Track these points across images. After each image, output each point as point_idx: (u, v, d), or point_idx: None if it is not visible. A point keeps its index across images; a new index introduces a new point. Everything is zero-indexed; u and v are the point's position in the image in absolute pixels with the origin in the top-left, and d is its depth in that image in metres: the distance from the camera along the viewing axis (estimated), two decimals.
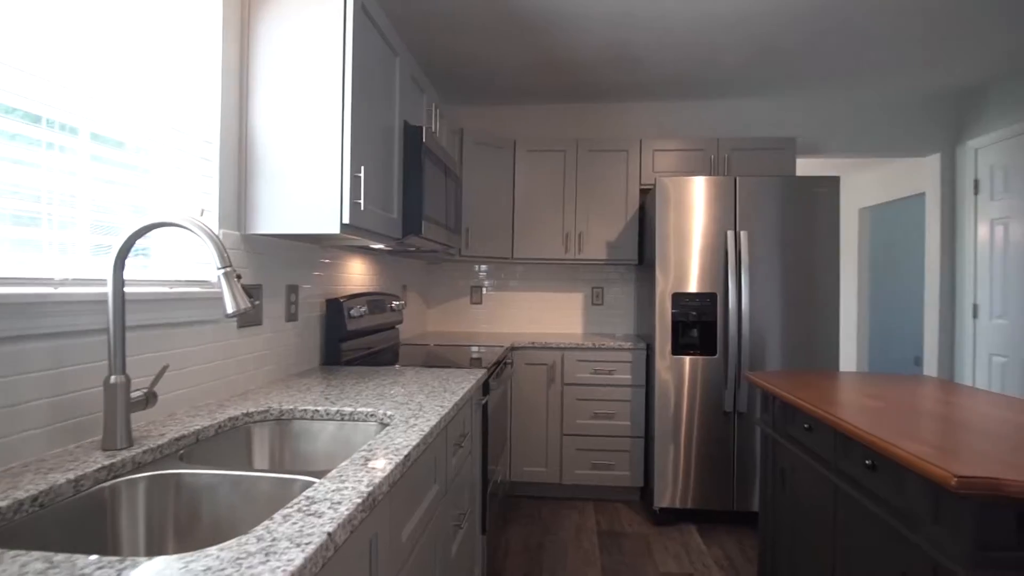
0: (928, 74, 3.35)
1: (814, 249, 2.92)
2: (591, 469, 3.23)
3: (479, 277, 3.96)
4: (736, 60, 3.16)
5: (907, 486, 1.19)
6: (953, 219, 3.73)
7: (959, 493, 0.99)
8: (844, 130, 3.78)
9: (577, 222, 3.53)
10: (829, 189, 2.92)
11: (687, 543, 2.81)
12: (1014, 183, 3.24)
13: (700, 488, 2.95)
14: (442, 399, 1.57)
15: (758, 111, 3.82)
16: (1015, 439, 1.23)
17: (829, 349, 2.90)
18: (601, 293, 3.86)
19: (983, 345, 3.45)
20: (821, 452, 1.61)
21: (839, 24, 2.72)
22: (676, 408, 2.96)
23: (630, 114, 3.89)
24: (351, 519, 0.80)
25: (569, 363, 3.23)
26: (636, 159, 3.50)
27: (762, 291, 2.92)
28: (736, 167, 3.42)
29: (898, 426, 1.33)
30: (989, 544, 1.02)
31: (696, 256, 2.95)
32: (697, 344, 2.94)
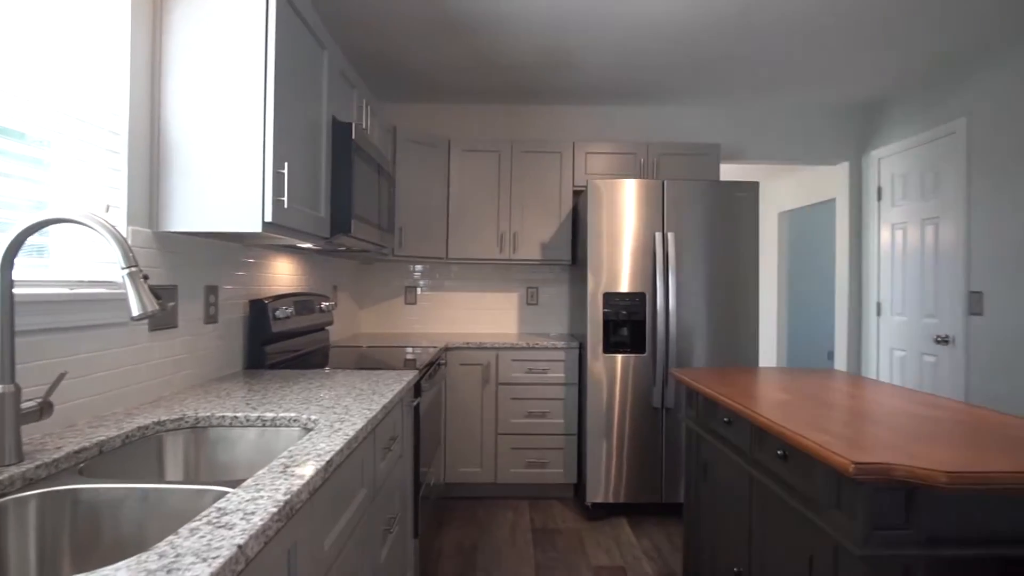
0: (838, 88, 3.59)
1: (736, 251, 3.06)
2: (526, 468, 3.26)
3: (413, 277, 3.91)
4: (665, 67, 3.27)
5: (814, 474, 1.26)
6: (860, 223, 4.01)
7: (857, 478, 1.06)
8: (764, 138, 3.99)
9: (512, 222, 3.55)
10: (749, 194, 3.07)
11: (618, 536, 2.88)
12: (910, 190, 3.53)
13: (631, 482, 3.04)
14: (370, 402, 1.54)
15: (686, 117, 3.97)
16: (908, 427, 1.34)
17: (750, 346, 3.06)
18: (536, 293, 3.90)
19: (885, 340, 3.73)
20: (739, 444, 1.69)
21: (759, 38, 2.87)
22: (608, 405, 3.03)
23: (564, 116, 3.95)
24: (265, 529, 0.77)
25: (504, 363, 3.24)
26: (570, 161, 3.56)
27: (688, 291, 3.04)
28: (664, 171, 3.54)
29: (806, 418, 1.42)
30: (881, 524, 1.10)
31: (626, 257, 3.03)
32: (627, 342, 3.03)
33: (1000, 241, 2.88)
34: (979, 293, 2.99)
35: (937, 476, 1.01)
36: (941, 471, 1.01)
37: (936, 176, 3.32)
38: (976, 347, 3.01)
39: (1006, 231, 2.85)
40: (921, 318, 3.41)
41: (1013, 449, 1.16)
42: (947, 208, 3.22)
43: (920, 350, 3.41)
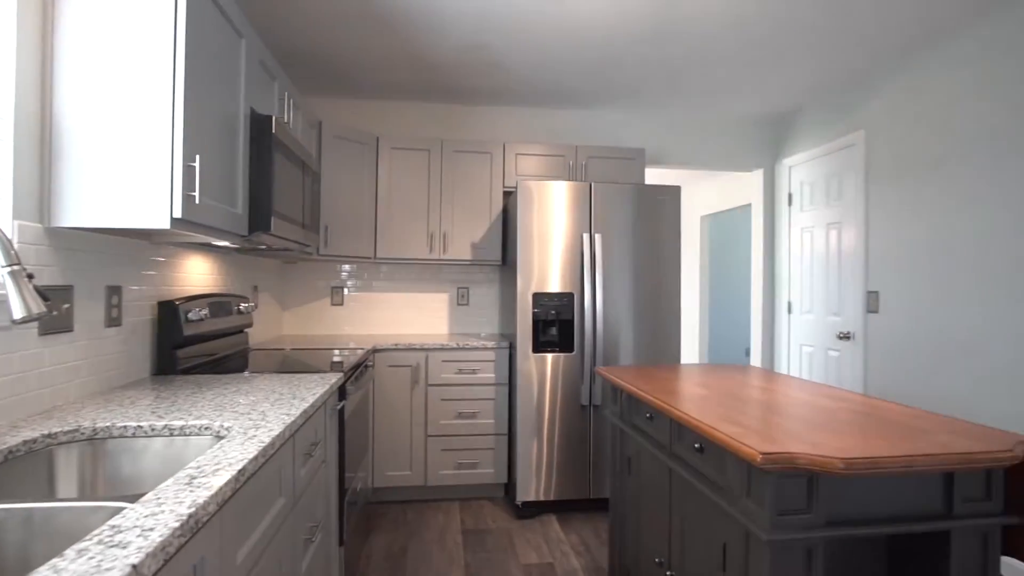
0: (753, 99, 3.80)
1: (659, 252, 3.17)
2: (456, 469, 3.24)
3: (341, 277, 3.80)
4: (590, 72, 3.34)
5: (727, 465, 1.33)
6: (773, 227, 4.26)
7: (764, 468, 1.12)
8: (686, 144, 4.16)
9: (442, 222, 3.52)
10: (671, 197, 3.19)
11: (547, 533, 2.92)
12: (817, 197, 3.78)
13: (560, 480, 3.09)
14: (290, 407, 1.48)
15: (613, 121, 4.07)
16: (811, 418, 1.43)
17: (672, 343, 3.18)
18: (467, 293, 3.89)
19: (796, 337, 3.98)
20: (660, 439, 1.75)
21: (677, 48, 2.98)
22: (538, 404, 3.06)
23: (495, 117, 3.96)
24: (165, 546, 0.72)
25: (434, 364, 3.21)
26: (500, 161, 3.57)
27: (614, 291, 3.12)
28: (592, 173, 3.62)
29: (721, 412, 1.49)
30: (786, 510, 1.17)
31: (555, 257, 3.07)
32: (556, 342, 3.07)
33: (894, 244, 3.14)
34: (876, 292, 3.25)
35: (834, 463, 1.08)
36: (838, 458, 1.09)
37: (839, 184, 3.58)
38: (873, 342, 3.27)
39: (899, 235, 3.10)
40: (826, 316, 3.67)
41: (899, 436, 1.26)
42: (848, 214, 3.48)
43: (826, 346, 3.67)
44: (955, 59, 2.78)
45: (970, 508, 1.25)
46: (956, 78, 2.78)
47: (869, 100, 3.33)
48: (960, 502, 1.24)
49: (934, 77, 2.90)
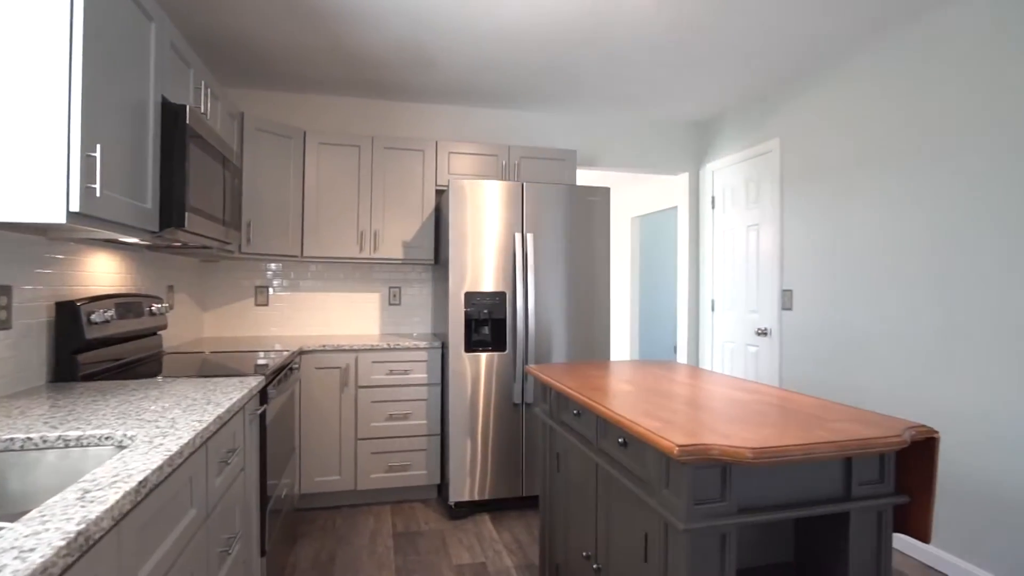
0: (680, 105, 3.94)
1: (590, 251, 3.24)
2: (388, 472, 3.18)
3: (266, 277, 3.65)
4: (522, 73, 3.36)
5: (647, 458, 1.37)
6: (698, 229, 4.44)
7: (680, 460, 1.16)
8: (616, 147, 4.27)
9: (373, 220, 3.45)
10: (601, 198, 3.26)
11: (480, 533, 2.91)
12: (737, 200, 3.97)
13: (494, 479, 3.09)
14: (203, 413, 1.40)
15: (546, 123, 4.12)
16: (726, 411, 1.50)
17: (602, 341, 3.25)
18: (399, 293, 3.83)
19: (719, 334, 4.16)
20: (587, 434, 1.79)
21: (609, 54, 3.06)
22: (471, 404, 3.06)
23: (427, 114, 3.92)
24: (47, 568, 0.66)
25: (364, 365, 3.14)
26: (432, 160, 3.54)
27: (546, 290, 3.16)
28: (525, 173, 3.65)
29: (643, 407, 1.53)
30: (701, 499, 1.22)
31: (487, 257, 3.08)
32: (489, 341, 3.08)
33: (805, 245, 3.34)
34: (790, 291, 3.45)
35: (744, 453, 1.14)
36: (747, 448, 1.14)
37: (757, 188, 3.77)
38: (787, 338, 3.47)
39: (810, 237, 3.31)
40: (746, 313, 3.86)
41: (803, 425, 1.34)
42: (765, 216, 3.67)
43: (745, 341, 3.86)
44: (857, 73, 3.00)
45: (866, 490, 1.35)
46: (859, 91, 2.99)
47: (783, 110, 3.53)
48: (857, 485, 1.34)
49: (840, 90, 3.11)
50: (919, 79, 2.67)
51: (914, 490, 1.38)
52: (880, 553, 1.36)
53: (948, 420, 2.51)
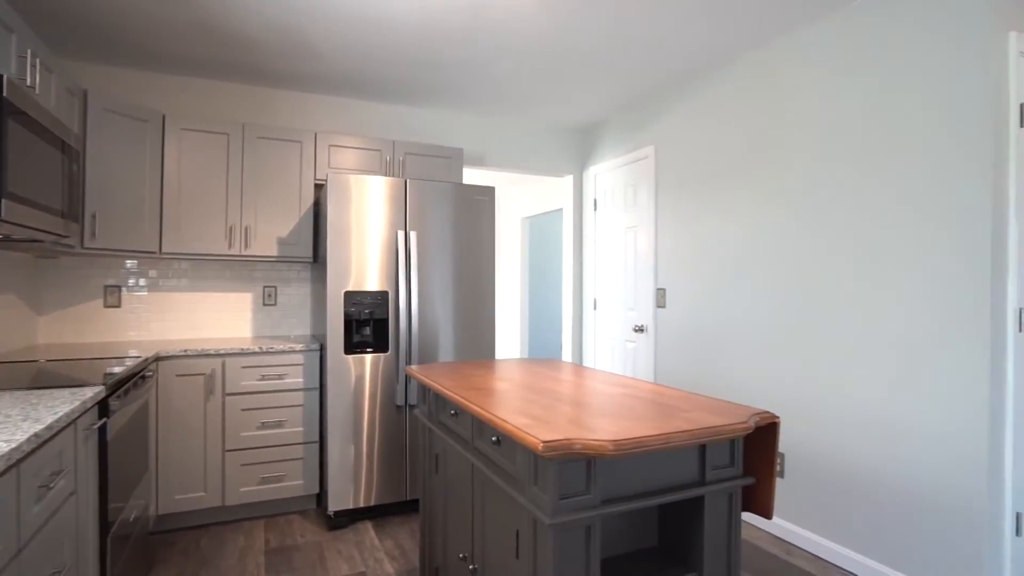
0: (565, 108, 4.05)
1: (476, 250, 3.23)
2: (260, 484, 2.97)
3: (120, 275, 3.27)
4: (407, 67, 3.29)
5: (517, 456, 1.37)
6: (581, 230, 4.59)
7: (545, 455, 1.17)
8: (504, 147, 4.31)
9: (244, 215, 3.21)
10: (487, 197, 3.27)
11: (361, 542, 2.80)
12: (617, 203, 4.16)
13: (376, 484, 2.99)
14: (15, 431, 1.21)
15: (433, 119, 4.06)
16: (595, 405, 1.54)
17: (488, 340, 3.25)
18: (274, 293, 3.60)
19: (601, 331, 4.33)
20: (463, 434, 1.77)
21: (491, 53, 3.07)
22: (351, 408, 2.93)
23: (307, 105, 3.72)
24: None
25: (232, 370, 2.91)
26: (311, 152, 3.36)
27: (431, 289, 3.10)
28: (410, 170, 3.57)
29: (516, 404, 1.54)
30: (567, 493, 1.24)
31: (369, 255, 2.97)
32: (371, 342, 2.97)
33: (676, 247, 3.56)
34: (663, 289, 3.66)
35: (605, 446, 1.17)
36: (608, 441, 1.17)
37: (635, 192, 3.97)
38: (661, 334, 3.68)
39: (681, 239, 3.53)
40: (625, 311, 4.05)
41: (664, 416, 1.41)
42: (642, 219, 3.87)
43: (624, 338, 4.04)
44: (719, 89, 3.24)
45: (718, 474, 1.44)
46: (719, 106, 3.23)
47: (659, 118, 3.75)
48: (711, 470, 1.43)
49: (705, 103, 3.34)
50: (762, 100, 2.93)
51: (759, 471, 1.50)
52: (730, 531, 1.46)
53: (798, 405, 2.77)
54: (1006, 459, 2.12)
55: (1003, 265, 2.11)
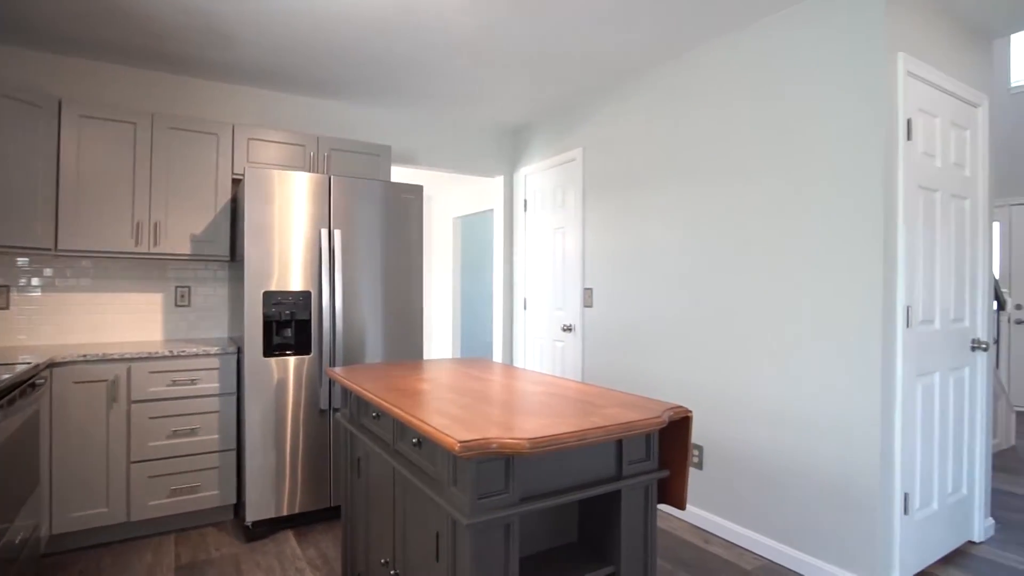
0: (495, 109, 4.06)
1: (404, 250, 3.18)
2: (170, 497, 2.80)
3: (9, 274, 2.99)
4: (338, 60, 3.19)
5: (437, 457, 1.36)
6: (512, 230, 4.62)
7: (463, 455, 1.16)
8: (434, 146, 4.27)
9: (153, 210, 3.01)
10: (415, 196, 3.22)
11: (282, 552, 2.69)
12: (546, 204, 4.21)
13: (300, 491, 2.88)
14: None
15: (360, 115, 3.97)
16: (516, 404, 1.55)
17: (416, 340, 3.21)
18: (188, 293, 3.40)
19: (530, 330, 4.37)
20: (385, 437, 1.73)
21: (421, 50, 3.03)
22: (272, 412, 2.81)
23: (224, 95, 3.54)
24: None
25: (139, 376, 2.72)
26: (228, 146, 3.19)
27: (356, 289, 3.03)
28: (336, 167, 3.47)
29: (437, 405, 1.52)
30: (485, 493, 1.23)
31: (290, 253, 2.86)
32: (292, 344, 2.86)
33: (602, 248, 3.65)
34: (590, 289, 3.74)
35: (522, 444, 1.18)
36: (525, 439, 1.18)
37: (563, 194, 4.03)
38: (588, 332, 3.76)
39: (606, 240, 3.62)
40: (553, 311, 4.10)
41: (582, 413, 1.44)
42: (570, 220, 3.94)
43: (553, 337, 4.10)
44: (641, 96, 3.35)
45: (634, 468, 1.48)
46: (640, 112, 3.34)
47: (586, 122, 3.82)
48: (627, 464, 1.46)
49: (628, 109, 3.44)
50: (678, 108, 3.05)
51: (674, 464, 1.56)
52: (647, 523, 1.51)
53: (715, 399, 2.90)
54: (896, 444, 2.30)
55: (893, 267, 2.29)
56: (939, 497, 2.56)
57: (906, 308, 2.33)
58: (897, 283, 2.30)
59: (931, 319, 2.50)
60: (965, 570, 2.52)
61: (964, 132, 2.69)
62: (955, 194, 2.63)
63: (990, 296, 2.82)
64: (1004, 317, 5.89)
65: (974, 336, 2.76)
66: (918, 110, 2.41)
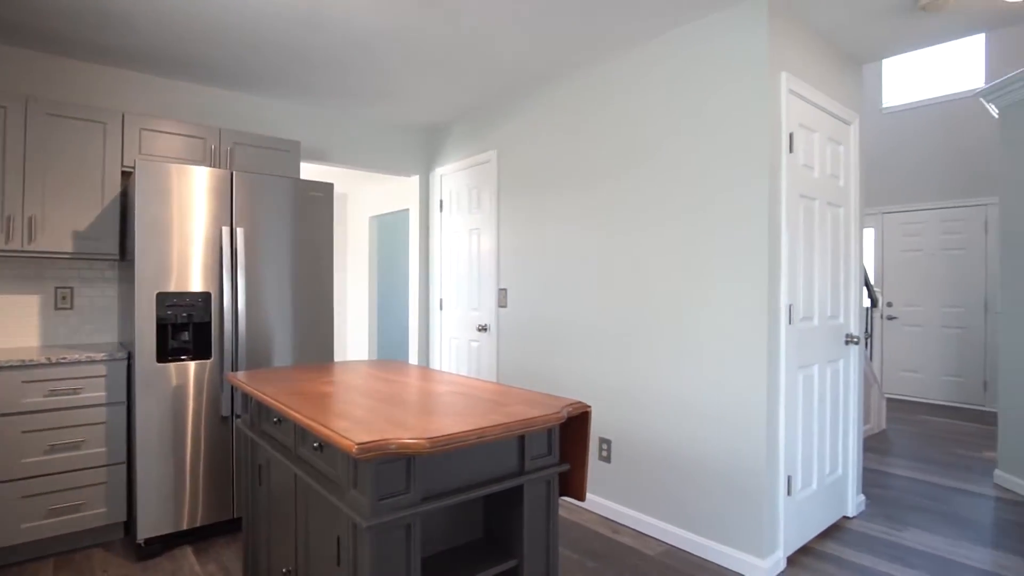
0: (411, 108, 4.02)
1: (313, 249, 3.08)
2: (48, 517, 2.56)
3: None
4: (244, 48, 3.05)
5: (338, 460, 1.34)
6: (428, 231, 4.60)
7: (361, 457, 1.16)
8: (348, 143, 4.17)
9: (27, 203, 2.74)
10: (325, 194, 3.14)
11: (179, 570, 2.54)
12: (462, 205, 4.23)
13: (201, 503, 2.73)
14: None
15: (267, 108, 3.81)
16: (421, 404, 1.55)
17: (327, 343, 3.12)
18: (70, 295, 3.12)
19: (446, 330, 4.37)
20: (286, 442, 1.68)
21: (333, 42, 2.95)
22: (169, 421, 2.64)
23: (114, 80, 3.28)
24: None
25: (10, 386, 2.47)
26: (118, 135, 2.97)
27: (261, 290, 2.91)
28: (240, 162, 3.31)
29: (339, 408, 1.50)
30: (385, 494, 1.23)
31: (188, 252, 2.70)
32: (191, 348, 2.70)
33: (516, 249, 3.71)
34: (505, 289, 3.79)
35: (422, 444, 1.18)
36: (425, 439, 1.19)
37: (479, 195, 4.06)
38: (503, 332, 3.81)
39: (519, 241, 3.68)
40: (469, 311, 4.12)
41: (485, 411, 1.47)
42: (486, 221, 3.98)
43: (469, 337, 4.12)
44: (553, 101, 3.44)
45: (536, 463, 1.53)
46: (551, 118, 3.43)
47: (501, 125, 3.87)
48: (529, 460, 1.51)
49: (541, 113, 3.53)
50: (591, 114, 3.17)
51: (575, 458, 1.62)
52: (549, 516, 1.56)
53: (622, 395, 3.03)
54: (780, 431, 2.50)
55: (777, 268, 2.49)
56: (818, 478, 2.81)
57: (788, 307, 2.54)
58: (781, 284, 2.50)
59: (811, 316, 2.74)
60: (840, 542, 2.78)
61: (839, 147, 2.97)
62: (831, 202, 2.90)
63: (861, 294, 3.13)
64: (877, 314, 6.53)
65: (848, 331, 3.06)
66: (799, 125, 2.63)
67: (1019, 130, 3.45)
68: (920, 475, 3.79)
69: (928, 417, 5.49)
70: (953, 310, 5.99)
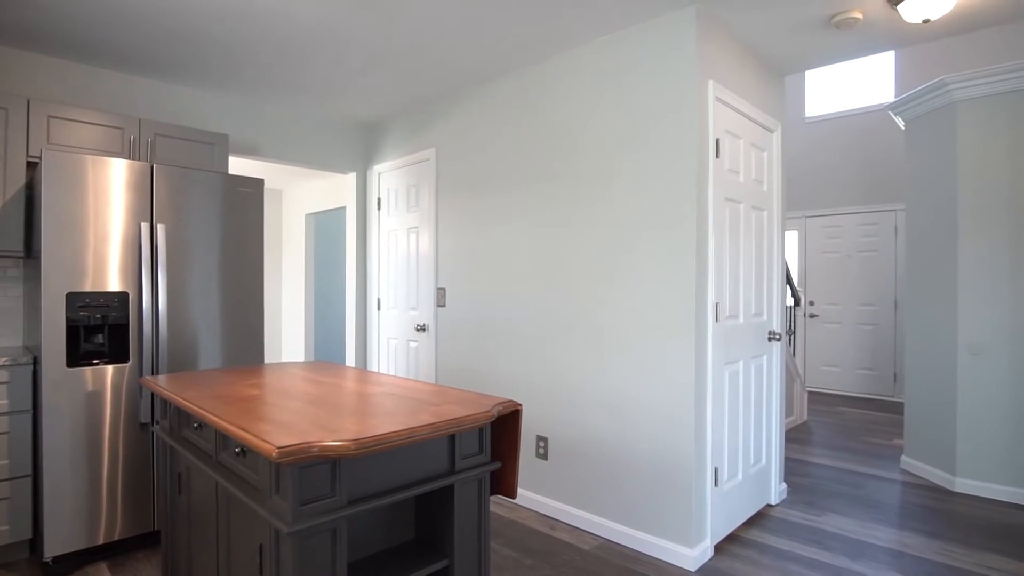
0: (348, 103, 3.93)
1: (241, 248, 2.97)
2: None
3: None
4: (166, 39, 2.89)
5: (260, 465, 1.29)
6: (365, 229, 4.51)
7: (281, 461, 1.12)
8: (281, 138, 4.03)
9: None
10: (255, 190, 3.02)
11: None
12: (400, 203, 4.17)
13: (119, 516, 2.57)
14: None
15: (193, 99, 3.63)
16: (350, 406, 1.52)
17: (257, 344, 3.01)
18: None
19: (384, 331, 4.30)
20: (207, 448, 1.61)
21: (264, 32, 2.85)
22: (80, 429, 2.48)
23: (18, 63, 3.05)
24: None
25: None
26: (22, 123, 2.75)
27: (186, 289, 2.77)
28: (161, 154, 3.14)
29: (262, 411, 1.45)
30: (309, 498, 1.20)
31: (103, 250, 2.54)
32: (105, 351, 2.55)
33: (455, 248, 3.69)
34: (443, 289, 3.77)
35: (347, 446, 1.16)
36: (349, 441, 1.17)
37: (417, 193, 4.02)
38: (442, 332, 3.78)
39: (458, 240, 3.67)
40: (407, 311, 4.08)
41: (415, 411, 1.45)
42: (424, 220, 3.94)
43: (407, 337, 4.07)
44: (490, 101, 3.45)
45: (468, 462, 1.53)
46: (490, 117, 3.44)
47: (440, 122, 3.84)
48: (460, 459, 1.51)
49: (479, 113, 3.53)
50: (528, 114, 3.20)
51: (506, 457, 1.63)
52: (480, 514, 1.56)
53: (558, 393, 3.07)
54: (707, 425, 2.60)
55: (704, 268, 2.59)
56: (743, 468, 2.94)
57: (715, 305, 2.65)
58: (708, 283, 2.61)
59: (736, 314, 2.87)
60: (763, 529, 2.92)
61: (763, 153, 3.12)
62: (755, 206, 3.04)
63: (784, 294, 3.30)
64: (799, 312, 6.91)
65: (770, 328, 3.21)
66: (725, 131, 2.75)
67: (921, 142, 3.74)
68: (837, 463, 4.03)
69: (845, 408, 5.86)
70: (867, 308, 6.41)
